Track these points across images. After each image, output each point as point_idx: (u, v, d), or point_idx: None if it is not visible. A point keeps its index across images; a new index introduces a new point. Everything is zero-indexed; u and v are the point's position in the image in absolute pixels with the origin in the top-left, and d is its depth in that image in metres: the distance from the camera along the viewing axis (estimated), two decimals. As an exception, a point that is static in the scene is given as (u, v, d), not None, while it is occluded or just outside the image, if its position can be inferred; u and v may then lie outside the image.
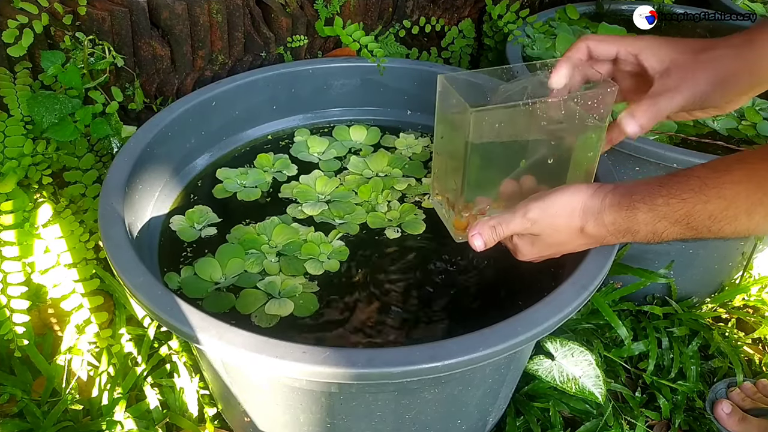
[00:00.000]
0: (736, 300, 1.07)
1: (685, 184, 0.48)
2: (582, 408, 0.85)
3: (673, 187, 0.48)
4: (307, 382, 0.54)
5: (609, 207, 0.52)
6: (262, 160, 0.87)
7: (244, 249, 0.71)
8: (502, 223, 0.57)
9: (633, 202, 0.50)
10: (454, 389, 0.62)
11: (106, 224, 0.61)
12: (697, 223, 0.47)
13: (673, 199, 0.48)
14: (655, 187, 0.49)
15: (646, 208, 0.49)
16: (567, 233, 0.55)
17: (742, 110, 1.02)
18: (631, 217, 0.50)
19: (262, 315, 0.64)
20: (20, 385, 0.78)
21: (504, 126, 0.56)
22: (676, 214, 0.48)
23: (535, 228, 0.56)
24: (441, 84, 0.60)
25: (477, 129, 0.55)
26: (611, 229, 0.52)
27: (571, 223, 0.54)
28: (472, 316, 0.66)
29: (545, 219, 0.54)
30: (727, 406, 0.85)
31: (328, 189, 0.82)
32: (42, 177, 0.76)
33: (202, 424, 0.80)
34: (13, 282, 0.70)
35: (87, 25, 0.79)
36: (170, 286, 0.67)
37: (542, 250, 0.58)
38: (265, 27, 0.98)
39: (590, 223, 0.53)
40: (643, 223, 0.50)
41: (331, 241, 0.74)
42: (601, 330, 0.96)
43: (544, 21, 1.20)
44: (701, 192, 0.47)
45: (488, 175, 0.61)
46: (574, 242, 0.56)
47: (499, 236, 0.58)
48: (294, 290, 0.67)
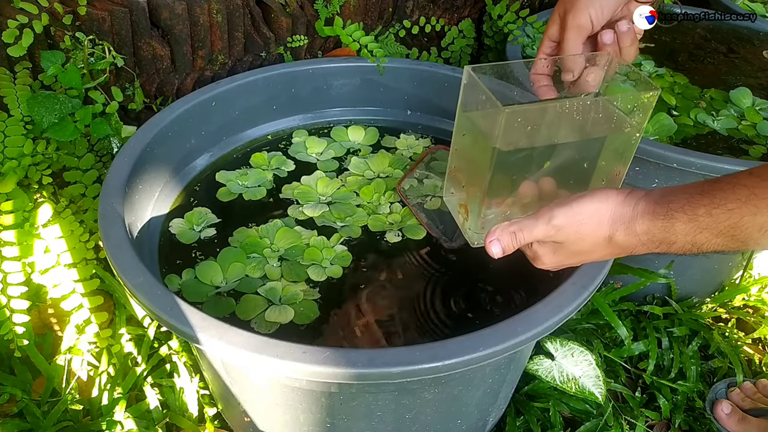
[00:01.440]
0: (736, 300, 1.07)
1: (731, 192, 0.44)
2: (582, 408, 0.85)
3: (716, 196, 0.45)
4: (307, 382, 0.54)
5: (642, 215, 0.48)
6: (258, 159, 0.87)
7: (246, 253, 0.71)
8: (524, 229, 0.53)
9: (670, 210, 0.47)
10: (454, 389, 0.62)
11: (106, 224, 0.61)
12: (744, 236, 0.44)
13: (716, 209, 0.44)
14: (695, 196, 0.46)
15: (685, 218, 0.46)
16: (593, 242, 0.51)
17: (743, 110, 1.02)
18: (668, 227, 0.47)
19: (261, 321, 0.64)
20: (20, 385, 0.78)
21: (536, 127, 0.53)
22: (721, 226, 0.44)
23: (559, 235, 0.52)
24: (467, 76, 0.55)
25: (508, 130, 0.51)
26: (644, 239, 0.49)
27: (598, 231, 0.50)
28: (472, 321, 0.66)
29: (571, 226, 0.51)
30: (727, 406, 0.85)
31: (330, 190, 0.82)
32: (42, 177, 0.76)
33: (202, 424, 0.80)
34: (13, 282, 0.70)
35: (87, 25, 0.79)
36: (170, 288, 0.67)
37: (564, 259, 0.55)
38: (265, 27, 0.98)
39: (620, 231, 0.49)
40: (681, 234, 0.46)
41: (334, 245, 0.73)
42: (601, 330, 0.96)
43: (544, 21, 1.20)
44: (749, 202, 0.43)
45: (512, 178, 0.57)
46: (600, 252, 0.52)
47: (520, 243, 0.54)
48: (295, 297, 0.67)
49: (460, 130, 0.60)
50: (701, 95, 1.07)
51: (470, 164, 0.59)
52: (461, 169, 0.62)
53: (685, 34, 1.29)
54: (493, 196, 0.57)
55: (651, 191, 0.49)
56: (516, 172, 0.56)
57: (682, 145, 0.93)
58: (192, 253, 0.71)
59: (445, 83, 0.93)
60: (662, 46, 1.23)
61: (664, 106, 1.02)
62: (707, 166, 0.80)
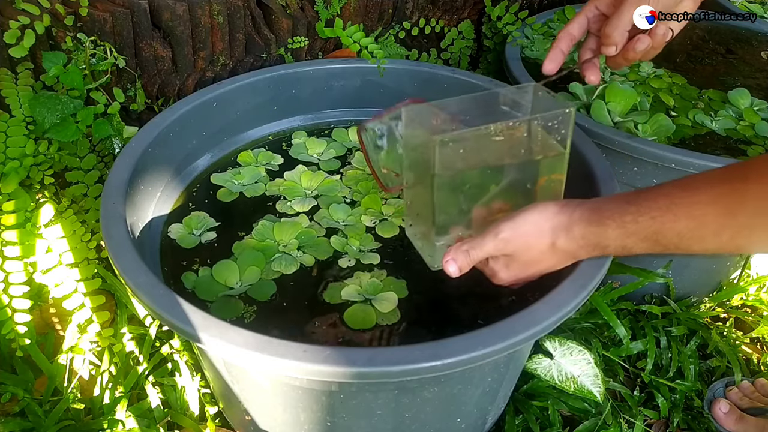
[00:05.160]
0: (735, 299, 1.08)
1: (654, 202, 0.48)
2: (581, 407, 0.85)
3: (641, 205, 0.49)
4: (307, 381, 0.55)
5: (578, 222, 0.52)
6: (245, 157, 0.87)
7: (266, 257, 0.71)
8: (476, 246, 0.57)
9: (602, 218, 0.51)
10: (453, 388, 0.62)
11: (108, 224, 0.61)
12: (666, 241, 0.48)
13: (642, 216, 0.49)
14: (624, 205, 0.50)
15: (615, 224, 0.50)
16: (539, 250, 0.55)
17: (741, 111, 1.02)
18: (600, 233, 0.51)
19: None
20: (22, 384, 0.78)
21: (469, 152, 0.57)
22: (645, 232, 0.49)
23: (508, 248, 0.56)
24: (405, 115, 0.60)
25: (442, 157, 0.55)
26: (582, 243, 0.53)
27: (541, 239, 0.54)
28: (465, 323, 0.67)
29: (517, 238, 0.55)
30: (725, 405, 0.85)
31: (314, 184, 0.83)
32: (44, 177, 0.76)
33: (203, 423, 0.80)
34: (15, 282, 0.70)
35: (88, 26, 0.79)
36: (186, 285, 0.68)
37: (519, 272, 0.58)
38: (265, 28, 0.98)
39: (561, 238, 0.53)
40: (612, 239, 0.51)
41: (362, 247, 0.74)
42: (600, 329, 0.96)
43: (543, 22, 1.21)
44: (669, 211, 0.47)
45: (459, 204, 0.61)
46: (548, 260, 0.56)
47: (474, 260, 0.58)
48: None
49: (407, 165, 0.63)
50: (699, 96, 1.07)
51: (419, 195, 0.63)
52: (413, 200, 0.66)
53: (684, 35, 1.29)
54: (444, 222, 0.61)
55: (586, 201, 0.54)
56: (464, 199, 0.60)
57: (681, 145, 0.94)
58: (194, 253, 0.72)
59: (445, 84, 0.93)
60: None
61: (663, 107, 1.02)
62: (705, 166, 0.80)
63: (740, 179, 0.44)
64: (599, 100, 0.97)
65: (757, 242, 0.44)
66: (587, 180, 0.71)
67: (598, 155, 0.73)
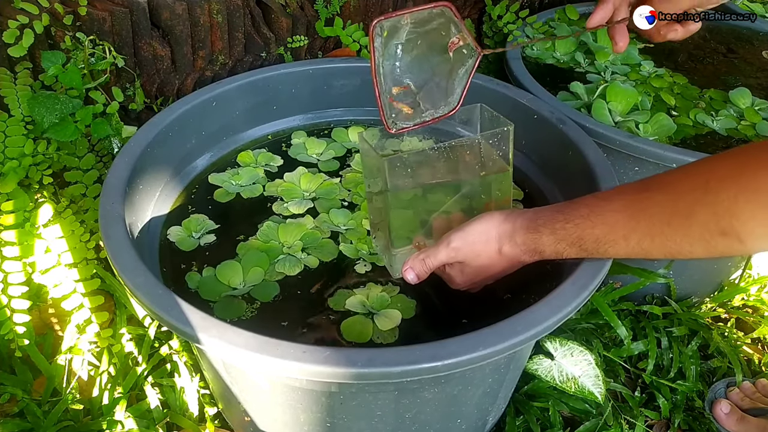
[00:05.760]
0: (736, 300, 1.07)
1: (577, 210, 0.53)
2: (581, 407, 0.85)
3: (568, 214, 0.54)
4: (307, 382, 0.55)
5: (519, 229, 0.57)
6: (245, 158, 0.87)
7: (270, 258, 0.71)
8: (430, 255, 0.61)
9: (537, 225, 0.55)
10: (453, 389, 0.62)
11: (106, 224, 0.61)
12: (587, 245, 0.53)
13: (568, 224, 0.53)
14: (555, 213, 0.55)
15: (547, 231, 0.55)
16: (488, 256, 0.59)
17: (742, 110, 1.02)
18: (537, 239, 0.56)
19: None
20: (21, 385, 0.78)
21: (418, 170, 0.62)
22: (571, 237, 0.53)
23: (459, 256, 0.60)
24: (360, 140, 0.63)
25: (392, 175, 0.60)
26: (523, 248, 0.57)
27: (489, 246, 0.59)
28: (469, 321, 0.67)
29: (466, 246, 0.59)
30: (726, 405, 0.85)
31: (313, 186, 0.82)
32: (43, 177, 0.76)
33: (202, 424, 0.80)
34: (14, 282, 0.70)
35: (87, 25, 0.79)
36: (189, 285, 0.67)
37: (473, 277, 0.62)
38: (265, 27, 0.98)
39: (506, 245, 0.58)
40: (546, 244, 0.55)
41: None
42: (601, 330, 0.96)
43: (544, 21, 1.21)
44: (588, 218, 0.52)
45: (415, 216, 0.65)
46: (497, 265, 0.60)
47: (430, 267, 0.62)
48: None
49: (366, 184, 0.68)
50: (700, 95, 1.07)
51: (378, 211, 0.67)
52: (374, 215, 0.70)
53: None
54: (400, 234, 0.65)
55: (527, 210, 0.59)
56: (419, 211, 0.65)
57: (682, 145, 0.94)
58: (195, 253, 0.72)
59: (445, 83, 0.93)
60: (661, 46, 1.23)
61: (664, 107, 1.02)
62: (706, 166, 0.80)
63: (645, 189, 0.50)
64: (600, 99, 0.97)
65: (660, 246, 0.48)
66: (588, 180, 0.70)
67: (599, 155, 0.73)
